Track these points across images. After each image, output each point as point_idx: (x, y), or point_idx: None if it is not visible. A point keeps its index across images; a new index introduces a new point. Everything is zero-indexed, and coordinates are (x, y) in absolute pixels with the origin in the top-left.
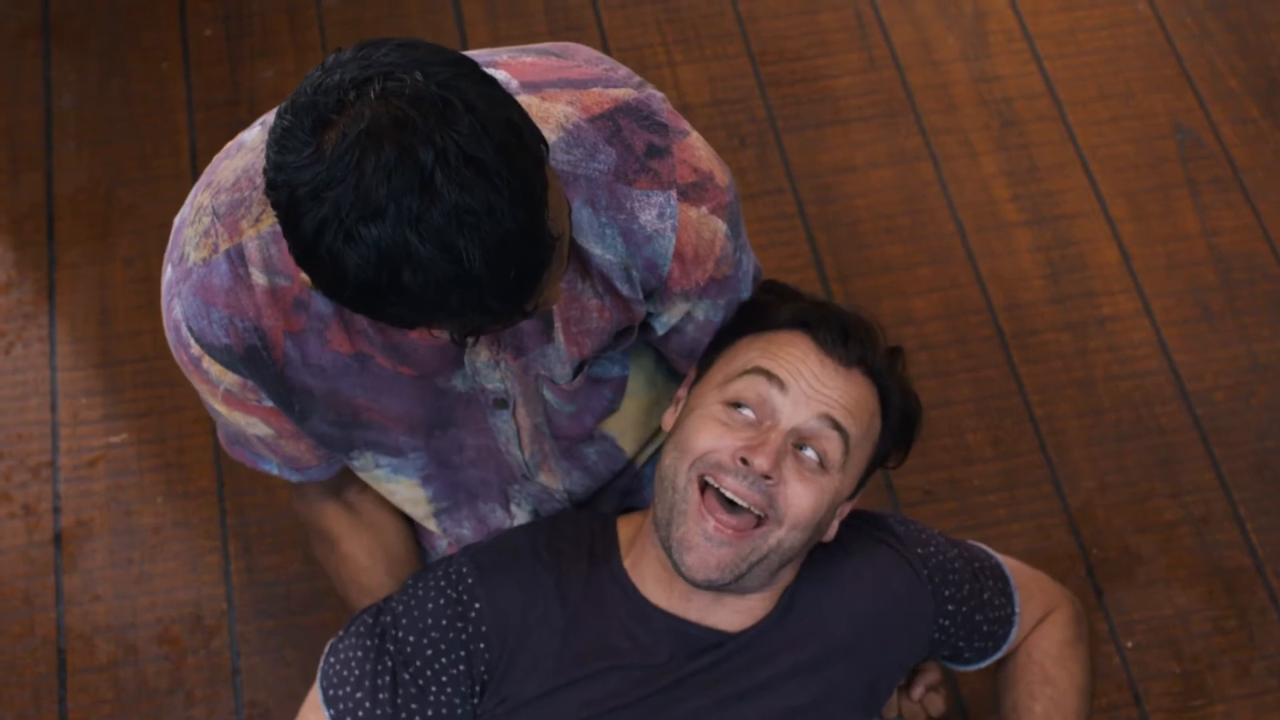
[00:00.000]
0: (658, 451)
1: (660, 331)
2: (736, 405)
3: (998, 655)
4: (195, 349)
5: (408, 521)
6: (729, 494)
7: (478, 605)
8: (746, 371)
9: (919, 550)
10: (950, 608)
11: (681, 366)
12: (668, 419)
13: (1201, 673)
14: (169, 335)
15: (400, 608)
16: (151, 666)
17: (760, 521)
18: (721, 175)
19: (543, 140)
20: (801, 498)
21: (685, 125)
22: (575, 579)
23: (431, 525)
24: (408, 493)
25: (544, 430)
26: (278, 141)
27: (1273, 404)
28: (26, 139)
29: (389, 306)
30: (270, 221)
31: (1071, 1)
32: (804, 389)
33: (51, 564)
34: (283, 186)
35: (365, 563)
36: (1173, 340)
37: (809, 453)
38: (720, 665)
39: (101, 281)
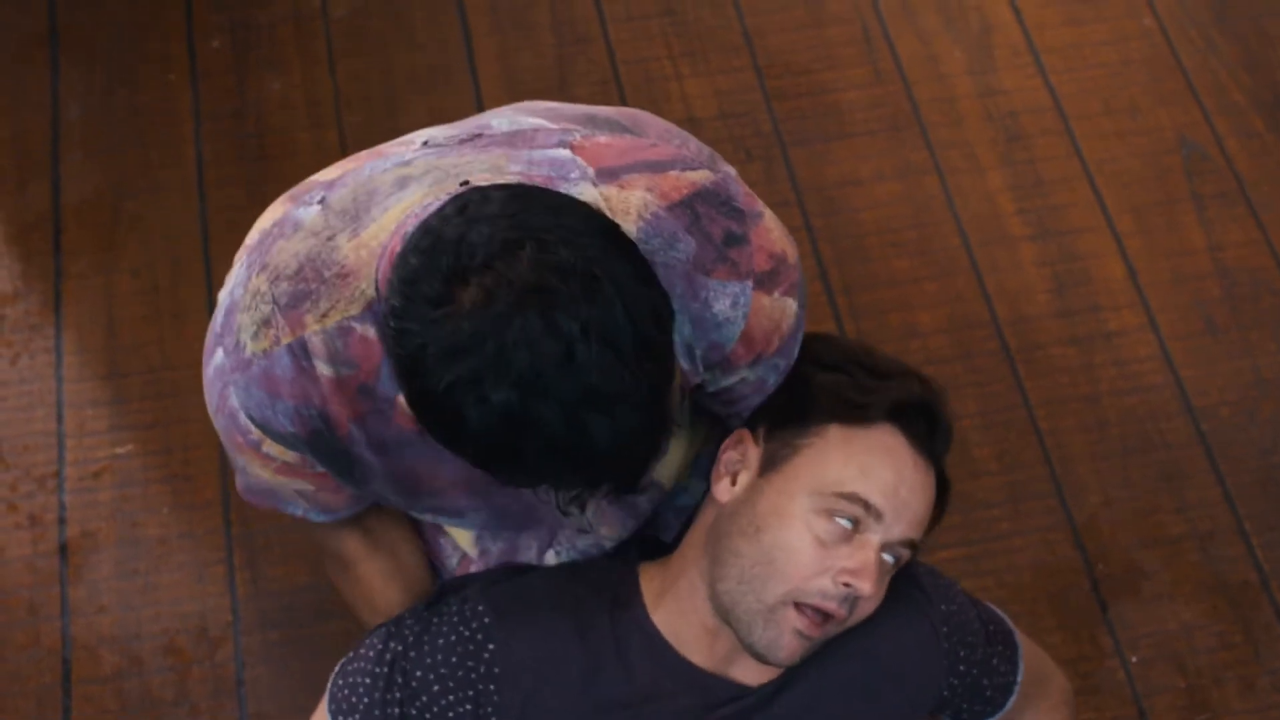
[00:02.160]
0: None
1: (710, 390)
2: (830, 513)
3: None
4: (255, 434)
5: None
6: (823, 609)
7: (491, 647)
8: (845, 496)
9: (943, 607)
10: (962, 668)
11: (716, 410)
12: (723, 489)
13: (1206, 688)
14: (219, 419)
15: (411, 638)
16: (156, 678)
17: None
18: (792, 253)
19: (672, 318)
20: (876, 598)
21: (760, 206)
22: (596, 627)
23: (464, 543)
24: (456, 533)
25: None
26: (405, 283)
27: (1278, 419)
28: (33, 149)
29: (503, 467)
30: (337, 318)
31: (1077, 16)
32: (898, 507)
33: (57, 574)
34: (410, 337)
35: (379, 584)
36: (1178, 355)
37: (888, 558)
38: (741, 716)
39: (108, 292)
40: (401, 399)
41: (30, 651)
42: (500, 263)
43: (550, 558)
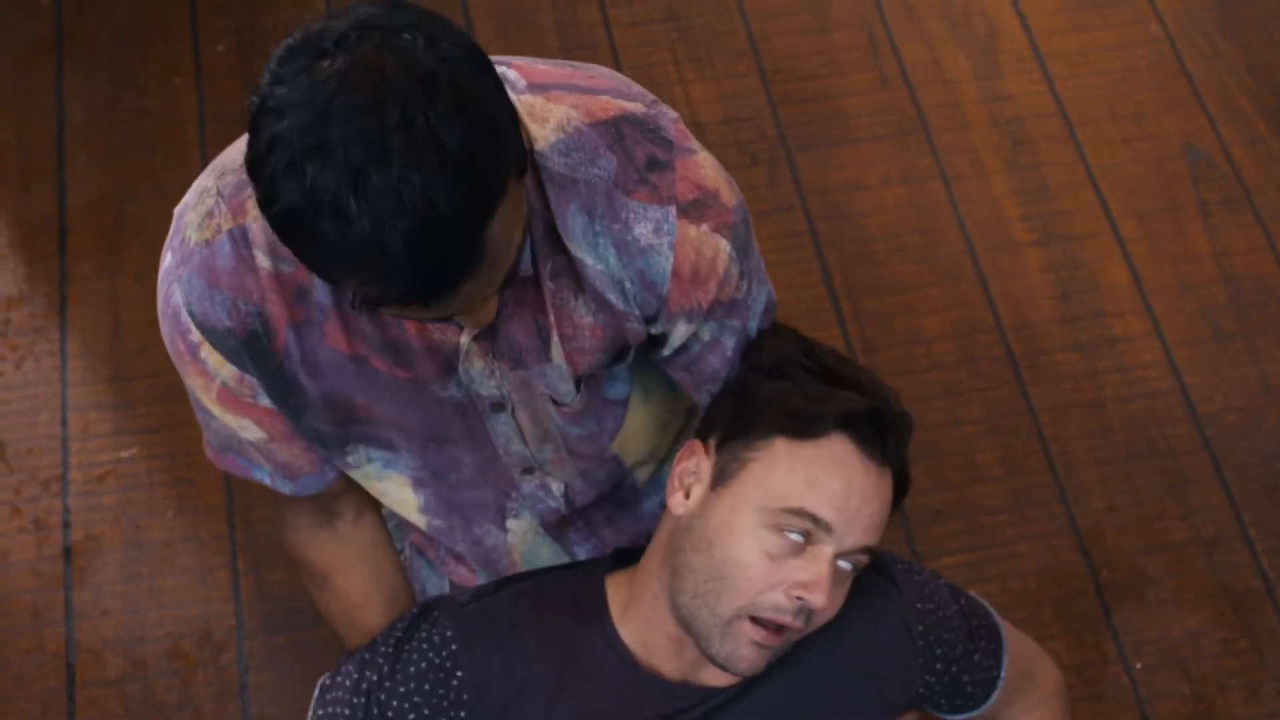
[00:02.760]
0: (656, 473)
1: (666, 354)
2: (779, 528)
3: (975, 713)
4: (195, 335)
5: (397, 552)
6: (778, 622)
7: (460, 673)
8: (792, 511)
9: (919, 605)
10: (939, 666)
11: (684, 382)
12: (677, 502)
13: (1211, 694)
14: (165, 326)
15: (386, 667)
16: (160, 681)
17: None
18: (729, 195)
19: (525, 154)
20: (833, 607)
21: (694, 144)
22: (561, 643)
23: (422, 525)
24: (398, 494)
25: (559, 441)
26: (278, 58)
27: None
28: (38, 152)
29: (305, 244)
30: None
31: (1083, 22)
32: (849, 517)
33: (61, 578)
34: (260, 93)
35: (356, 599)
36: (1183, 361)
37: (844, 564)
38: (708, 717)
39: (113, 295)
40: (335, 314)
41: (34, 655)
42: (351, 46)
43: (513, 526)
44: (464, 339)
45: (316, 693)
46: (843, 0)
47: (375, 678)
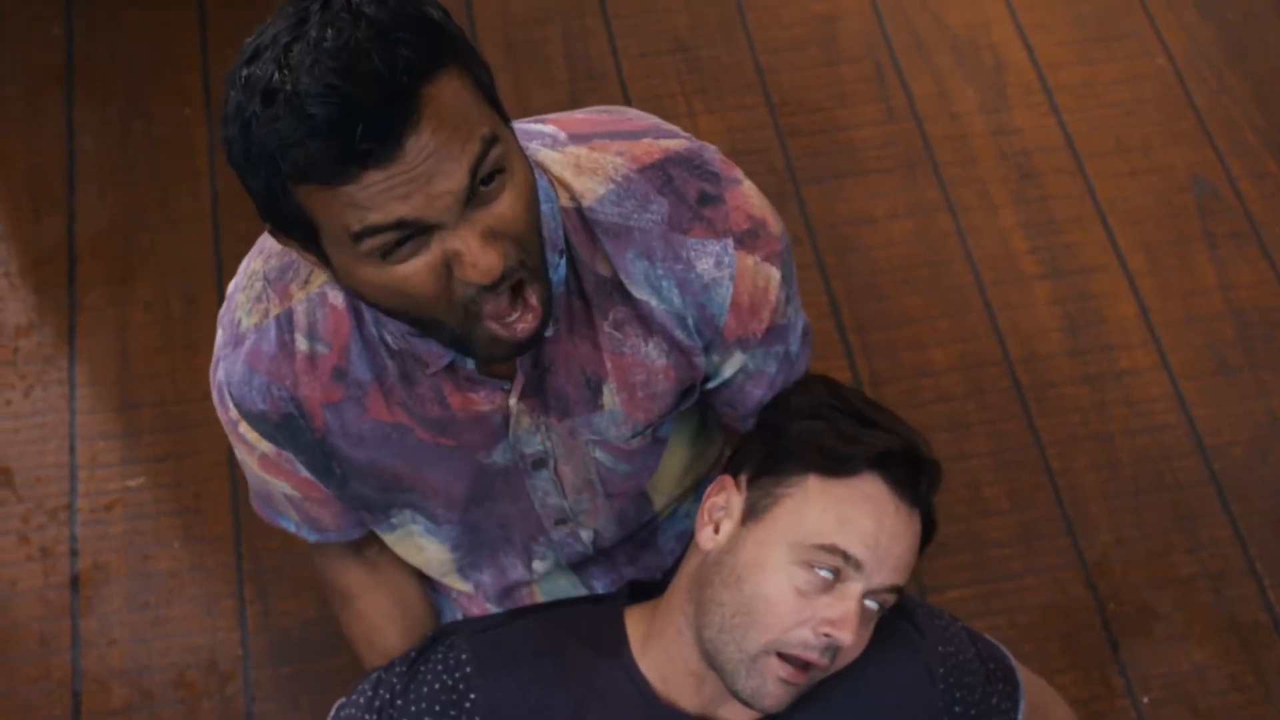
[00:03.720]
0: (676, 507)
1: (713, 385)
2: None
3: None
4: (234, 413)
5: (424, 579)
6: (804, 659)
7: (473, 696)
8: (823, 548)
9: (939, 649)
10: (958, 709)
11: (726, 415)
12: (706, 537)
13: None
14: (213, 393)
15: (399, 685)
16: (166, 711)
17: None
18: (775, 223)
19: (472, 54)
20: (858, 646)
21: (738, 173)
22: (580, 673)
23: (452, 581)
24: (435, 552)
25: (597, 488)
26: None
27: None
28: (48, 181)
29: (249, 146)
30: (318, 283)
31: (1090, 55)
32: (879, 556)
33: (68, 607)
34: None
35: (378, 621)
36: (1190, 394)
37: (871, 604)
38: None
39: (121, 325)
40: (375, 387)
41: (41, 684)
42: (335, 7)
43: (538, 567)
44: (512, 400)
45: (332, 712)
46: (850, 33)
47: (388, 695)
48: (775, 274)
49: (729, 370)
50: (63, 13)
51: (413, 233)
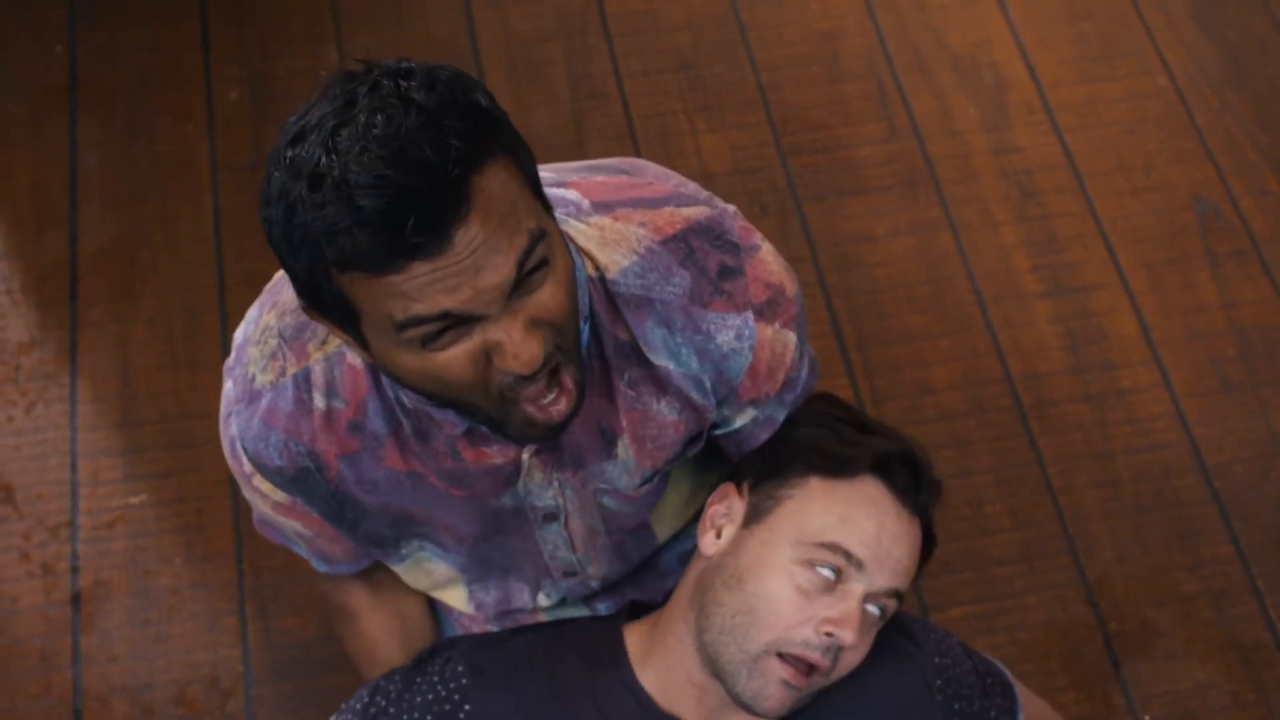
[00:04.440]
0: (676, 534)
1: (721, 433)
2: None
3: None
4: (248, 467)
5: (427, 599)
6: (806, 659)
7: (467, 708)
8: (825, 545)
9: (936, 660)
10: None
11: (733, 455)
12: (708, 542)
13: None
14: (223, 443)
15: (394, 693)
16: None
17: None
18: (790, 286)
19: (519, 142)
20: (859, 651)
21: (756, 238)
22: (576, 687)
23: (456, 596)
24: (443, 574)
25: (599, 530)
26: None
27: None
28: (51, 198)
29: (292, 229)
30: (336, 343)
31: (1091, 73)
32: (880, 556)
33: (69, 623)
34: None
35: (381, 639)
36: (1191, 413)
37: (872, 609)
38: None
39: (123, 341)
40: (390, 440)
41: (42, 701)
42: (383, 91)
43: (542, 599)
44: (525, 455)
45: (331, 719)
46: (852, 51)
47: (383, 702)
48: (792, 338)
49: (739, 421)
50: (66, 31)
51: (456, 322)
